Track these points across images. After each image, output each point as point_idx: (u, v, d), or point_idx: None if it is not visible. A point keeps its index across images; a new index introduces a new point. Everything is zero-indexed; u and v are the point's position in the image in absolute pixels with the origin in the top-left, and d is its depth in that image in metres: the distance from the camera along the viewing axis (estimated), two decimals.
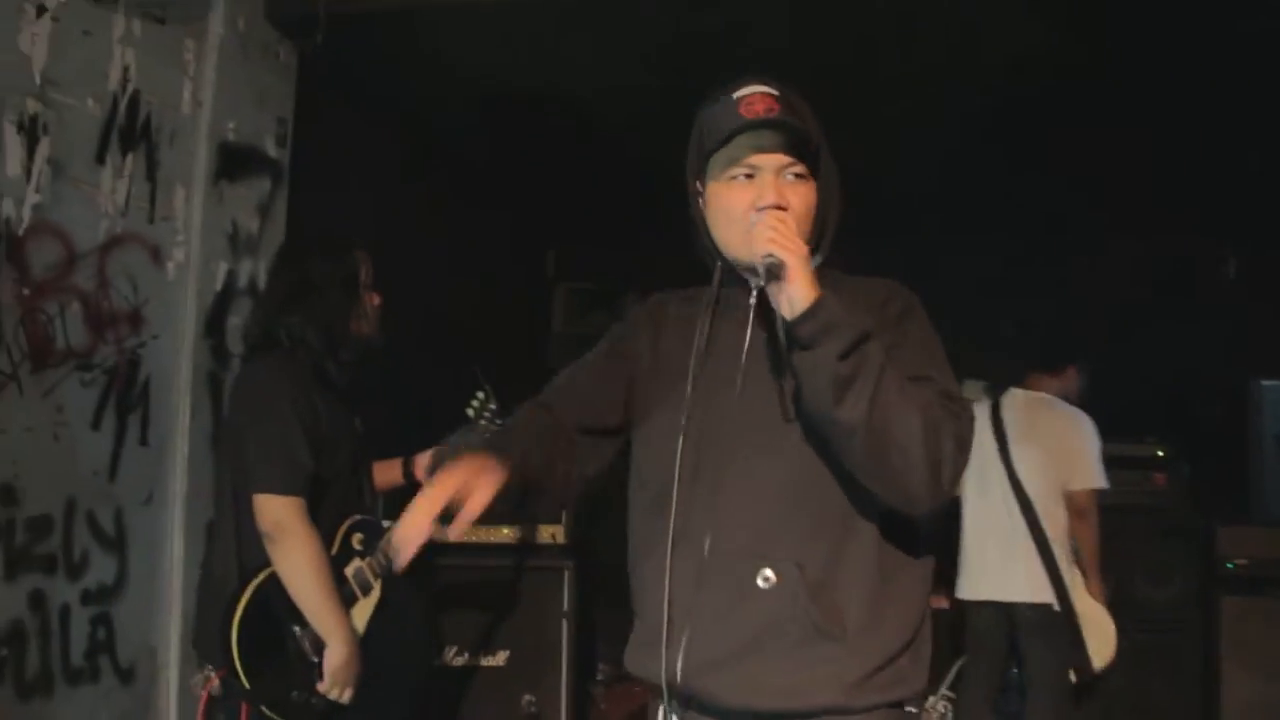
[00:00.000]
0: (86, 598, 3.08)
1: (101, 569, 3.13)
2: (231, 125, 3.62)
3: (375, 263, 2.90)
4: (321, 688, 2.57)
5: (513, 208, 6.29)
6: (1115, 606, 4.39)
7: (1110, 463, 4.26)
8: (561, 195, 6.09)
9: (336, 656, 2.57)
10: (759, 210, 1.59)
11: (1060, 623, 4.08)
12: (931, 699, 5.08)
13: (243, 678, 2.49)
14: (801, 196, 1.64)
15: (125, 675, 3.23)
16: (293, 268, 2.82)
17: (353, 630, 2.63)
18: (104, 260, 3.12)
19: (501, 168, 5.63)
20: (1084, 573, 4.20)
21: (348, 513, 2.76)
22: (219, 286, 3.58)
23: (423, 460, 3.05)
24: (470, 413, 3.09)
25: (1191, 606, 4.89)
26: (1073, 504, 4.12)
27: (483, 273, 5.73)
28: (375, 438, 2.97)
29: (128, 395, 3.23)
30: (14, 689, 2.83)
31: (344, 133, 4.51)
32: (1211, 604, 4.83)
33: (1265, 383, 5.76)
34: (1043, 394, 4.25)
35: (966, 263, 6.27)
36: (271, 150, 3.83)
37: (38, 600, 2.90)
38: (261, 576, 2.57)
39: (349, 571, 2.71)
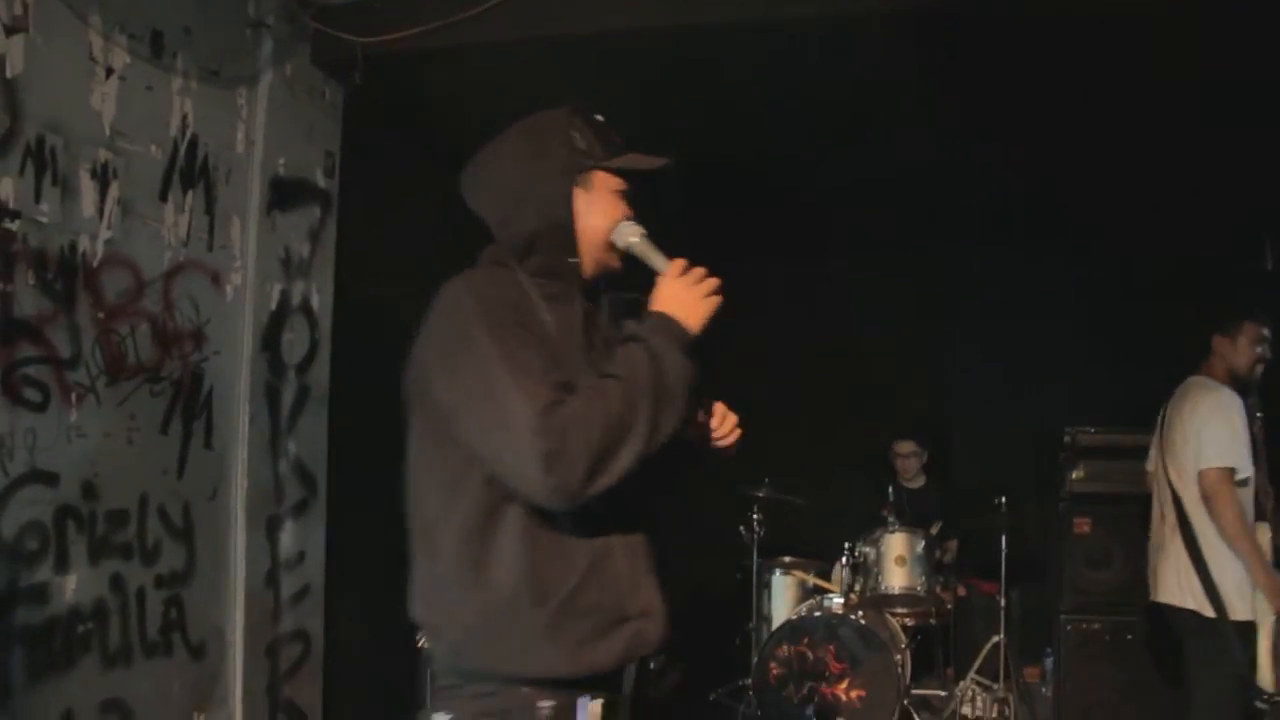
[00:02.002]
0: (160, 582, 3.52)
1: (172, 556, 3.57)
2: (282, 160, 4.05)
3: (428, 278, 3.29)
4: None
5: None
6: (1127, 591, 4.49)
7: (1115, 452, 4.39)
8: None
9: None
10: (629, 221, 1.91)
11: (1214, 632, 3.63)
12: (962, 683, 5.29)
13: None
14: None
15: (196, 651, 3.66)
16: None
17: None
18: (169, 286, 3.56)
19: None
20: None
21: None
22: (273, 306, 4.02)
23: None
24: None
25: None
26: (1201, 487, 3.67)
27: None
28: None
29: (192, 404, 3.67)
30: (99, 659, 3.28)
31: (392, 161, 4.91)
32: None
33: None
34: (1202, 378, 3.88)
35: (999, 270, 6.47)
36: (320, 181, 4.26)
37: (117, 583, 3.35)
38: None
39: None
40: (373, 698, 4.68)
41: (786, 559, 5.65)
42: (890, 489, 5.70)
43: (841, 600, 4.95)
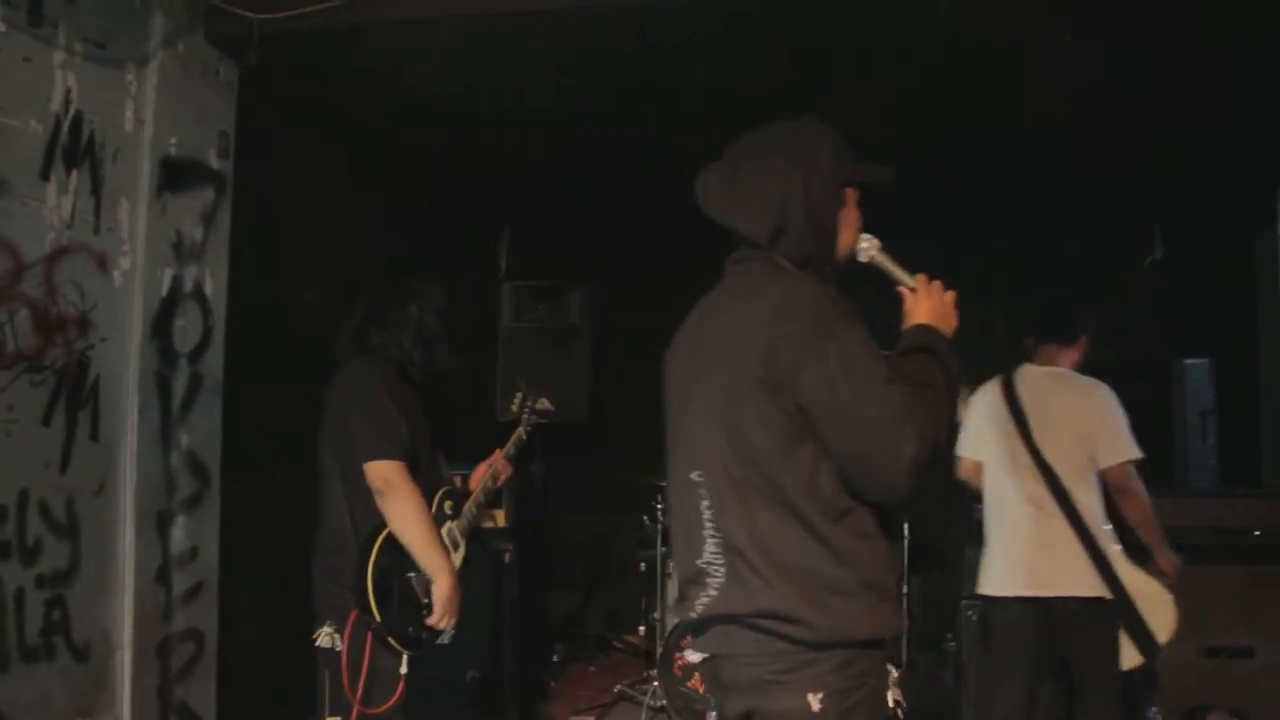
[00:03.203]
0: (41, 581, 3.33)
1: (55, 555, 3.39)
2: (173, 140, 3.87)
3: (328, 263, 3.19)
4: (431, 620, 3.06)
5: (464, 210, 6.57)
6: None
7: None
8: (508, 198, 6.37)
9: (443, 589, 3.06)
10: (866, 234, 2.17)
11: (1110, 614, 3.79)
12: None
13: (375, 613, 2.97)
14: None
15: (80, 654, 3.48)
16: (398, 290, 3.30)
17: (454, 568, 3.14)
18: (51, 270, 3.37)
19: (449, 173, 5.89)
20: (1147, 550, 3.89)
21: (439, 483, 3.28)
22: (164, 292, 3.84)
23: (480, 472, 3.53)
24: (514, 408, 3.91)
25: None
26: (1111, 481, 3.84)
27: (437, 273, 5.99)
28: None
29: (77, 394, 3.48)
30: None
31: (292, 142, 4.75)
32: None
33: (1188, 361, 6.06)
34: (1058, 368, 4.00)
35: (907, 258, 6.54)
36: (214, 162, 4.08)
37: None
38: (383, 535, 3.03)
39: (443, 531, 3.22)
40: (268, 698, 4.53)
41: None
42: None
43: None
